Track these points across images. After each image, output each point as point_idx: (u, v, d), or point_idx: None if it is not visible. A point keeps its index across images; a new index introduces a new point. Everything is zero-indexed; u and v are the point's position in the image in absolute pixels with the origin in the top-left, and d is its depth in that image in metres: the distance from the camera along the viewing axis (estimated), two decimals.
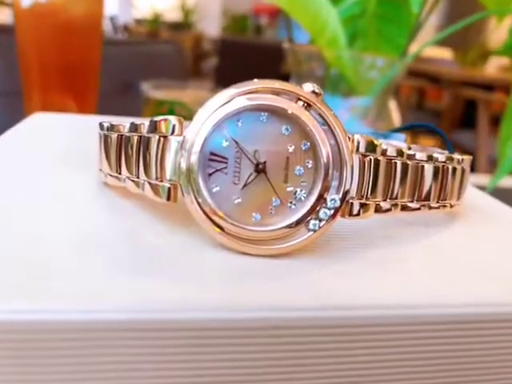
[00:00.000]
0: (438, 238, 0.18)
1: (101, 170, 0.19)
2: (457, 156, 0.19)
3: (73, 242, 0.14)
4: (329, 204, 0.14)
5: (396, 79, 0.49)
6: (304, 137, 0.15)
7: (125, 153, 0.17)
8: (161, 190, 0.15)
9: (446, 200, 0.19)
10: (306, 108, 0.15)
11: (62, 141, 0.25)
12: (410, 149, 0.21)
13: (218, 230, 0.14)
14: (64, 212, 0.16)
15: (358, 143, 0.15)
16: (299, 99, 0.15)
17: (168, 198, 0.15)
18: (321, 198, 0.14)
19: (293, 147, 0.14)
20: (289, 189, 0.15)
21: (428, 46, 0.48)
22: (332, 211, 0.15)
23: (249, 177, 0.14)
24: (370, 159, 0.15)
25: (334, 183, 0.15)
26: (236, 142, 0.14)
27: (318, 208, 0.15)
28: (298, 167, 0.15)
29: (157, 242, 0.15)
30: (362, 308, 0.13)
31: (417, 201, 0.17)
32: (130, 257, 0.14)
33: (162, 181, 0.15)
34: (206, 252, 0.15)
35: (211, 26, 3.02)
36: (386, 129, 0.53)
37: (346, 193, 0.15)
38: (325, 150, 0.14)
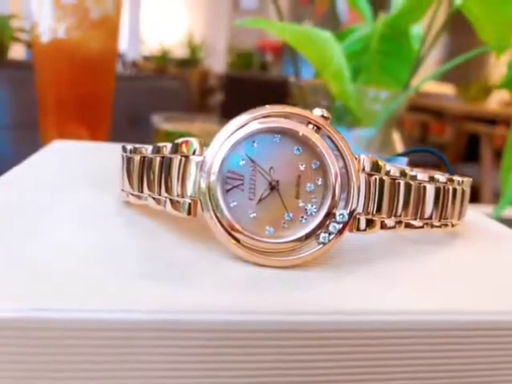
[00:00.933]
0: (437, 253, 0.19)
1: (123, 189, 0.20)
2: (457, 178, 0.20)
3: (99, 252, 0.16)
4: (338, 218, 0.16)
5: (399, 111, 0.51)
6: (314, 156, 0.16)
7: (147, 173, 0.18)
8: (181, 206, 0.16)
9: (447, 219, 0.20)
10: (315, 131, 0.16)
11: (83, 164, 0.26)
12: (411, 170, 0.22)
13: (234, 242, 0.16)
14: (90, 226, 0.18)
15: (364, 163, 0.16)
16: (309, 122, 0.16)
17: (189, 213, 0.16)
18: (330, 213, 0.16)
19: (304, 166, 0.16)
20: (300, 204, 0.16)
21: (430, 80, 0.50)
22: (341, 225, 0.16)
23: (263, 193, 0.16)
24: (375, 178, 0.17)
25: (343, 199, 0.16)
26: (252, 161, 0.16)
27: (327, 222, 0.16)
28: (309, 184, 0.16)
29: (177, 254, 0.16)
30: (371, 313, 0.14)
31: (420, 219, 0.19)
32: (152, 267, 0.15)
33: (182, 197, 0.16)
34: (223, 263, 0.16)
35: (217, 62, 3.10)
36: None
37: (353, 208, 0.16)
38: (333, 169, 0.16)
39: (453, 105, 2.19)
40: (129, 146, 0.19)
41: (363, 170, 0.16)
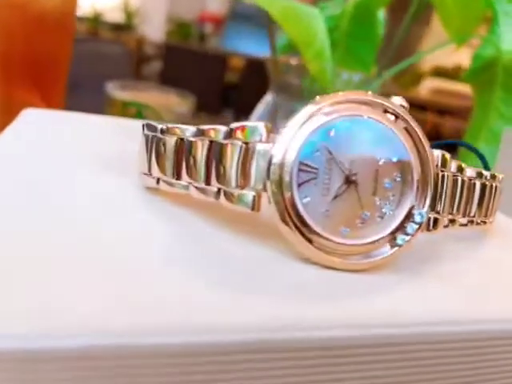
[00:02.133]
0: (494, 252, 0.19)
1: (147, 174, 0.17)
2: (499, 174, 0.19)
3: (153, 255, 0.13)
4: (416, 219, 0.14)
5: None
6: (394, 150, 0.14)
7: (186, 158, 0.16)
8: (241, 199, 0.14)
9: (487, 217, 0.19)
10: (394, 120, 0.14)
11: (79, 141, 0.23)
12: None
13: (306, 241, 0.14)
14: (126, 224, 0.15)
15: (437, 158, 0.15)
16: (387, 111, 0.14)
17: (252, 208, 0.14)
18: (409, 213, 0.14)
19: (383, 160, 0.14)
20: (377, 202, 0.14)
21: (402, 68, 0.50)
22: (418, 226, 0.14)
23: (339, 188, 0.14)
24: (443, 175, 0.15)
25: (420, 197, 0.15)
26: (329, 152, 0.14)
27: (405, 222, 0.14)
28: (387, 180, 0.14)
29: (241, 255, 0.14)
30: (451, 323, 0.13)
31: (467, 216, 0.18)
32: (219, 271, 0.13)
33: (242, 189, 0.14)
34: (293, 265, 0.14)
35: (154, 30, 2.97)
36: None
37: (430, 207, 0.15)
38: (414, 164, 0.14)
39: (388, 90, 2.26)
40: (159, 125, 0.17)
41: (436, 166, 0.15)
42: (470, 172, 0.18)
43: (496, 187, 0.19)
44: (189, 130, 0.16)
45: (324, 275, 0.14)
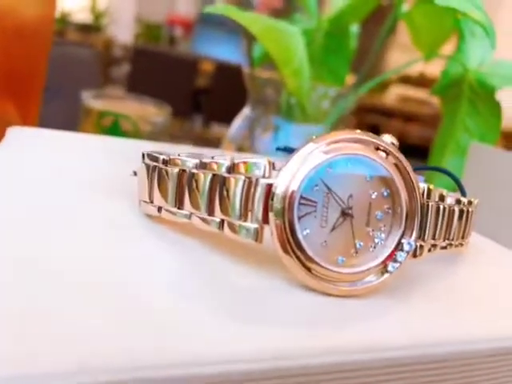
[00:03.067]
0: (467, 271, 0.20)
1: (147, 201, 0.18)
2: (474, 200, 0.21)
3: (154, 282, 0.14)
4: (405, 247, 0.16)
5: (348, 111, 0.52)
6: (384, 184, 0.16)
7: (189, 189, 0.17)
8: (246, 230, 0.15)
9: (464, 239, 0.21)
10: (385, 157, 0.16)
11: (73, 165, 0.23)
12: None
13: (305, 271, 0.15)
14: (131, 255, 0.16)
15: (423, 190, 0.16)
16: (379, 148, 0.16)
17: (255, 239, 0.15)
18: (399, 242, 0.16)
19: (375, 193, 0.15)
20: (370, 233, 0.16)
21: (378, 82, 0.52)
22: (407, 254, 0.16)
23: (337, 220, 0.15)
24: (428, 205, 0.17)
25: (408, 228, 0.16)
26: (327, 187, 0.15)
27: (396, 251, 0.16)
28: (379, 212, 0.16)
29: (242, 283, 0.15)
30: (450, 344, 0.14)
31: (447, 240, 0.19)
32: (224, 301, 0.14)
33: (245, 221, 0.15)
34: (294, 293, 0.15)
35: (122, 32, 2.93)
36: None
37: (417, 236, 0.16)
38: (403, 197, 0.16)
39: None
40: (161, 156, 0.18)
41: (422, 196, 0.16)
42: (450, 199, 0.19)
43: (472, 212, 0.21)
44: (191, 162, 0.17)
45: (322, 302, 0.15)
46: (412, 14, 0.51)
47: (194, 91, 2.36)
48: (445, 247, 0.20)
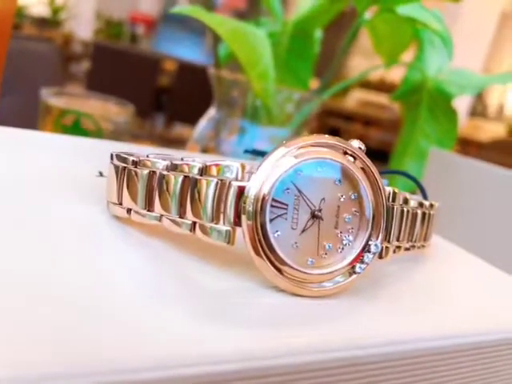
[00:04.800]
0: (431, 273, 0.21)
1: (116, 203, 0.18)
2: (435, 203, 0.22)
3: (124, 287, 0.14)
4: (372, 249, 0.16)
5: (311, 114, 0.53)
6: (352, 187, 0.16)
7: (159, 190, 0.16)
8: (215, 233, 0.15)
9: (426, 241, 0.22)
10: (353, 161, 0.16)
11: (36, 165, 0.23)
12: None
13: (276, 272, 0.15)
14: (96, 254, 0.16)
15: (389, 193, 0.17)
16: (347, 153, 0.16)
17: (228, 241, 0.15)
18: (366, 244, 0.16)
19: (344, 196, 0.16)
20: (339, 234, 0.16)
21: (343, 87, 0.53)
22: (373, 255, 0.16)
23: (307, 222, 0.15)
24: (395, 208, 0.17)
25: (375, 230, 0.16)
26: (298, 190, 0.15)
27: (363, 253, 0.16)
28: (347, 215, 0.16)
29: (215, 287, 0.15)
30: (417, 341, 0.15)
31: (410, 242, 0.20)
32: (193, 303, 0.14)
33: (217, 223, 0.15)
34: (263, 294, 0.15)
35: (82, 27, 2.86)
36: None
37: (383, 238, 0.17)
38: (370, 200, 0.16)
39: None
40: (131, 157, 0.17)
41: (388, 200, 0.17)
42: (413, 203, 0.20)
43: (433, 215, 0.22)
44: (161, 163, 0.17)
45: (292, 303, 0.15)
46: (374, 22, 0.53)
47: (155, 90, 2.33)
48: (408, 249, 0.20)
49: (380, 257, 0.17)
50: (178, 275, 0.15)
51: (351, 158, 0.16)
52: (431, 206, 0.21)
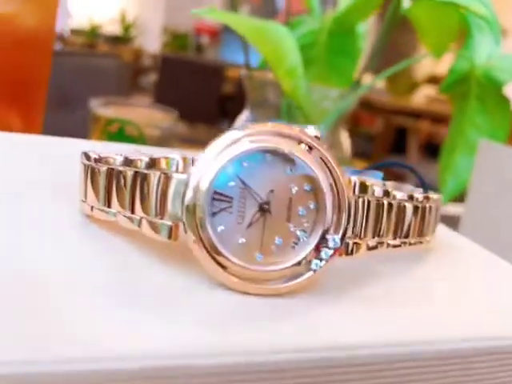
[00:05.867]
0: (420, 272, 0.19)
1: (84, 201, 0.18)
2: (432, 195, 0.20)
3: (68, 282, 0.14)
4: (330, 244, 0.15)
5: (349, 110, 0.51)
6: (307, 179, 0.15)
7: (116, 186, 0.16)
8: (161, 227, 0.15)
9: (423, 236, 0.20)
10: (308, 151, 0.15)
11: (30, 165, 0.23)
12: (384, 185, 0.22)
13: (221, 269, 0.14)
14: (55, 247, 0.16)
15: (355, 185, 0.16)
16: (301, 141, 0.15)
17: (169, 237, 0.15)
18: (323, 239, 0.15)
19: (296, 188, 0.15)
20: (291, 229, 0.15)
21: (380, 79, 0.51)
22: (332, 251, 0.15)
23: (253, 216, 0.15)
24: (364, 200, 0.16)
25: (335, 224, 0.15)
26: (242, 182, 0.14)
27: (319, 248, 0.15)
28: (301, 208, 0.15)
29: (155, 282, 0.15)
30: (367, 347, 0.13)
31: (398, 238, 0.18)
32: (134, 299, 0.14)
33: (161, 218, 0.15)
34: (207, 292, 0.15)
35: (151, 42, 3.00)
36: (337, 158, 0.55)
37: (344, 233, 0.15)
38: (326, 192, 0.15)
39: (383, 98, 2.27)
40: (93, 155, 0.17)
41: (354, 192, 0.16)
42: (400, 195, 0.18)
43: (430, 208, 0.20)
44: (117, 159, 0.16)
45: (238, 301, 0.14)
46: (414, 10, 0.50)
47: (220, 98, 2.38)
48: (398, 245, 0.19)
49: (347, 253, 0.16)
50: (124, 272, 0.15)
51: (306, 147, 0.15)
52: (426, 198, 0.19)
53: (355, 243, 0.16)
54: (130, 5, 2.90)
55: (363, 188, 0.16)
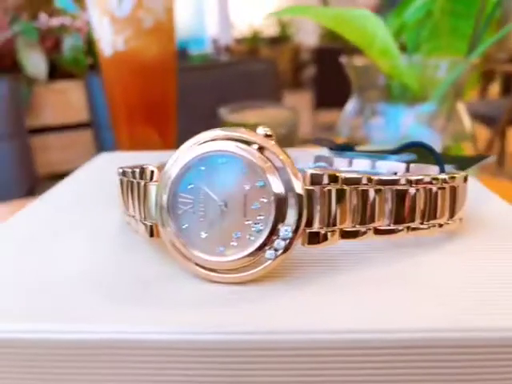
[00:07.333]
0: (410, 260, 0.19)
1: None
2: (444, 175, 0.19)
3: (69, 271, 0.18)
4: (282, 235, 0.16)
5: (462, 80, 0.47)
6: (258, 176, 0.16)
7: (131, 196, 0.20)
8: (145, 228, 0.18)
9: (434, 220, 0.19)
10: (259, 150, 0.16)
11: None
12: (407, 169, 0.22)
13: (188, 261, 0.17)
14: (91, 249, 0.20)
15: (308, 177, 0.16)
16: (252, 142, 0.16)
17: (151, 235, 0.18)
18: (274, 230, 0.16)
19: (249, 186, 0.16)
20: (247, 222, 0.16)
21: (493, 42, 0.46)
22: (287, 241, 0.16)
23: (213, 214, 0.16)
24: (328, 190, 0.16)
25: (288, 216, 0.16)
26: (201, 185, 0.16)
27: (273, 239, 0.16)
28: (255, 203, 0.16)
29: (144, 272, 0.18)
30: (318, 332, 0.14)
31: (394, 224, 0.18)
32: (119, 286, 0.17)
33: (145, 219, 0.18)
34: (179, 280, 0.17)
35: (308, 36, 3.05)
36: (457, 133, 0.50)
37: (298, 224, 0.16)
38: (276, 187, 0.16)
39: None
40: (126, 170, 0.21)
41: (311, 183, 0.16)
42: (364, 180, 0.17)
43: (444, 189, 0.19)
44: (136, 172, 0.20)
45: (206, 289, 0.16)
46: None
47: None
48: (382, 231, 0.18)
49: (313, 242, 0.16)
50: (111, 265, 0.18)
51: (256, 146, 0.16)
52: (409, 182, 0.18)
53: (319, 233, 0.16)
54: (285, 5, 3.00)
55: (317, 179, 0.16)
